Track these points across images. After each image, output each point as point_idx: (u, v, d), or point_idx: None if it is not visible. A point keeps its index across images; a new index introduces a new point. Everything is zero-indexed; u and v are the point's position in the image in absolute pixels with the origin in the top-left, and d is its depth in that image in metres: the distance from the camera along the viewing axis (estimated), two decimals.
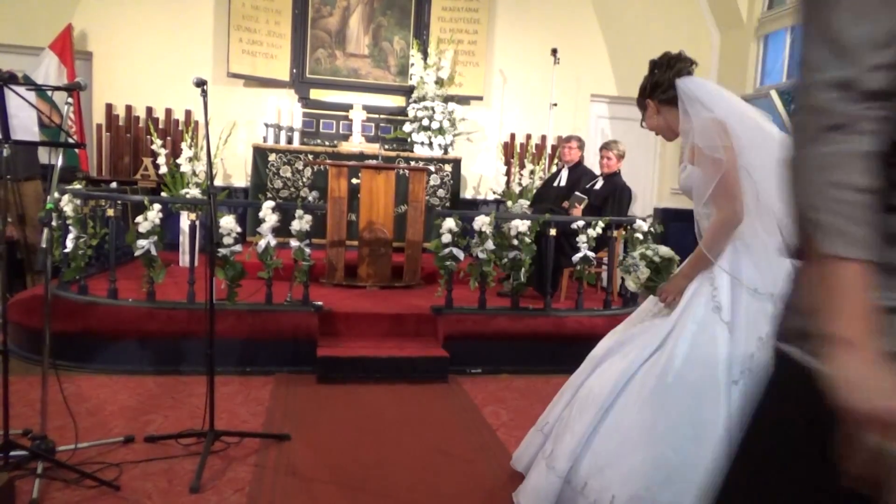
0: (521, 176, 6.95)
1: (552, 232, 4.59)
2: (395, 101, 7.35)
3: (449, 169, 6.91)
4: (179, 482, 2.56)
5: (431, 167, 6.74)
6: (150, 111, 6.90)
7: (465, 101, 7.34)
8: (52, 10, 6.47)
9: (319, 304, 4.26)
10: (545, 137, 7.27)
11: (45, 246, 2.56)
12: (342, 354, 4.02)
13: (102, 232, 4.20)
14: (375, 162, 5.77)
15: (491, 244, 4.37)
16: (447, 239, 4.35)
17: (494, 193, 7.21)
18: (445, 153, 7.02)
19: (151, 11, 6.81)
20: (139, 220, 3.97)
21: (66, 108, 2.86)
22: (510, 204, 6.63)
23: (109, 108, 6.81)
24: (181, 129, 6.77)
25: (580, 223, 4.60)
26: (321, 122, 7.19)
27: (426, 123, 6.92)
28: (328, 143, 7.05)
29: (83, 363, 3.90)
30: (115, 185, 5.39)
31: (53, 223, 2.71)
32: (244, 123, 6.98)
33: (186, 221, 5.35)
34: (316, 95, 7.18)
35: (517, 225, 4.43)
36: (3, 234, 2.45)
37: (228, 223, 3.98)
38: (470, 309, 4.47)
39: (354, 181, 5.70)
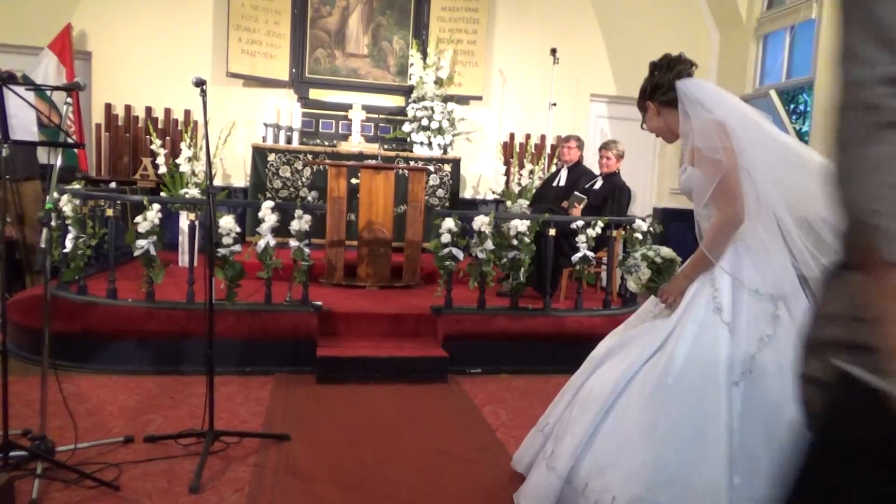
0: (520, 176, 6.95)
1: (551, 232, 4.59)
2: (394, 100, 7.35)
3: (448, 169, 6.90)
4: (179, 482, 2.56)
5: (431, 167, 6.74)
6: (149, 111, 6.89)
7: (464, 100, 7.34)
8: (51, 9, 6.46)
9: (319, 304, 4.26)
10: (544, 137, 7.27)
11: (44, 246, 2.55)
12: (342, 354, 4.02)
13: (102, 232, 4.20)
14: (375, 162, 5.77)
15: (490, 244, 4.37)
16: (446, 239, 4.35)
17: (494, 193, 7.21)
18: (445, 153, 7.01)
19: (150, 11, 6.81)
20: (138, 220, 3.97)
21: (65, 107, 2.85)
22: (509, 204, 6.64)
23: (108, 107, 6.80)
24: (180, 128, 6.76)
25: (579, 223, 4.61)
26: (320, 121, 7.19)
27: (425, 123, 6.92)
28: (327, 142, 7.04)
29: (83, 363, 3.90)
30: (114, 185, 5.37)
31: (52, 223, 2.71)
32: (243, 123, 6.97)
33: (186, 221, 5.33)
34: (315, 95, 7.18)
35: (516, 225, 4.43)
36: (2, 234, 2.45)
37: (228, 223, 3.98)
38: (469, 309, 4.47)
39: (354, 181, 5.69)
